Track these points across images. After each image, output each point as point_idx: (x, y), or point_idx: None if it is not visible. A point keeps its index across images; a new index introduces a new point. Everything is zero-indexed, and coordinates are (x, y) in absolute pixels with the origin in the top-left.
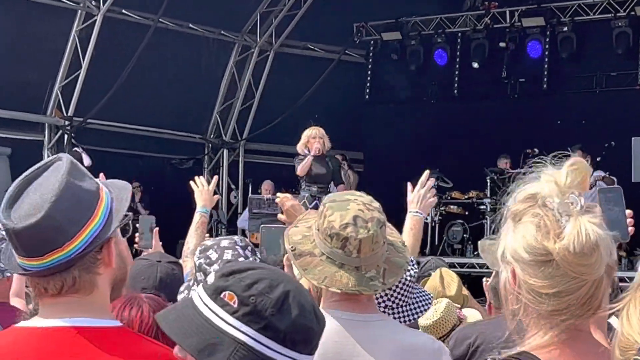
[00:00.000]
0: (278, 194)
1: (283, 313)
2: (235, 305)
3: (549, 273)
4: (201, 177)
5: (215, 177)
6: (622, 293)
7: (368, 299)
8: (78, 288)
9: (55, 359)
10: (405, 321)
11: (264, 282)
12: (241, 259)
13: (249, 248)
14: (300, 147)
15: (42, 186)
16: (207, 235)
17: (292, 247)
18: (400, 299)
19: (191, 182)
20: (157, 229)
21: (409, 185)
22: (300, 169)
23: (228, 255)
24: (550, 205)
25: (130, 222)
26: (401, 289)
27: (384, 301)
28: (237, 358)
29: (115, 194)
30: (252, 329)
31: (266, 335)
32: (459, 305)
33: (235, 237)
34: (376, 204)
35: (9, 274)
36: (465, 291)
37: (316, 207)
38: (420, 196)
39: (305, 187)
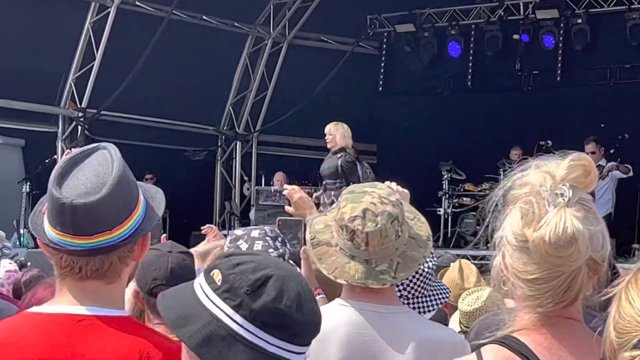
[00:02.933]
0: (285, 186)
1: (258, 294)
2: (219, 283)
3: (527, 259)
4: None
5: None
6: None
7: (390, 290)
8: (107, 274)
9: (53, 346)
10: (420, 312)
11: (250, 264)
12: (271, 250)
13: (279, 239)
14: None
15: (92, 168)
16: (217, 227)
17: (312, 235)
18: (417, 290)
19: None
20: (165, 235)
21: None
22: None
23: (258, 245)
24: (542, 195)
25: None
26: (418, 279)
27: (399, 291)
28: (206, 331)
29: (148, 194)
30: (228, 305)
31: (239, 313)
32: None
33: (266, 228)
34: (393, 198)
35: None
36: (483, 283)
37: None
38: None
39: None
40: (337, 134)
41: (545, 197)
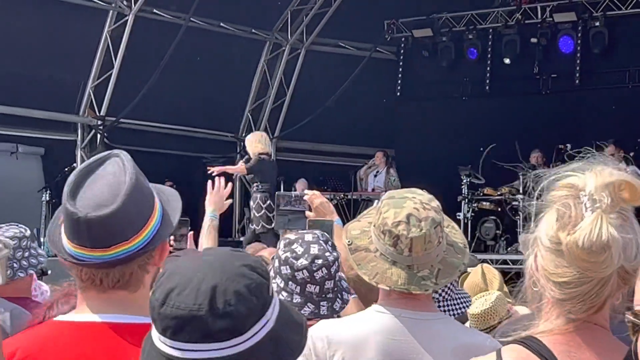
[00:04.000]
0: (306, 191)
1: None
2: None
3: (559, 262)
4: (221, 178)
5: (230, 183)
6: None
7: (427, 296)
8: (130, 284)
9: (89, 355)
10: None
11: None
12: (327, 253)
13: (330, 243)
14: None
15: (104, 178)
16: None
17: (349, 241)
18: (447, 293)
19: (208, 183)
20: (192, 232)
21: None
22: None
23: (315, 249)
24: (581, 199)
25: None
26: (445, 285)
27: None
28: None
29: (163, 198)
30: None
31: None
32: (512, 300)
33: (317, 232)
34: (435, 204)
35: (31, 272)
36: (505, 288)
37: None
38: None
39: None
40: (246, 143)
41: (583, 201)
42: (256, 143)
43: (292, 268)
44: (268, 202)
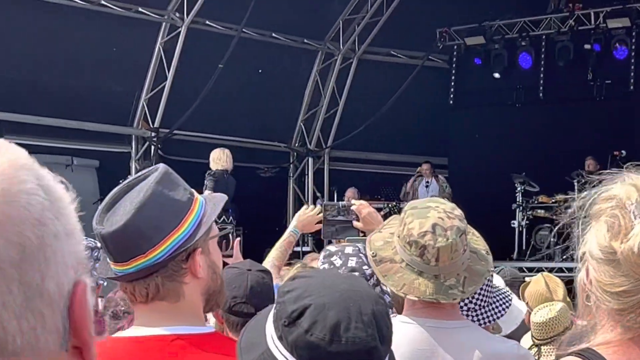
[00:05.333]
0: (353, 201)
1: (294, 325)
2: (274, 311)
3: (615, 272)
4: (317, 205)
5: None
6: None
7: (452, 305)
8: (163, 296)
9: None
10: (488, 322)
11: (295, 292)
12: (365, 267)
13: None
14: None
15: (135, 193)
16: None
17: (373, 252)
18: (482, 300)
19: (304, 206)
20: (239, 239)
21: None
22: None
23: (352, 262)
24: (628, 208)
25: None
26: (483, 289)
27: (466, 304)
28: (260, 359)
29: (209, 207)
30: (276, 335)
31: (282, 344)
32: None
33: (359, 245)
34: (458, 212)
35: (100, 282)
36: (567, 298)
37: None
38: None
39: None
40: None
41: (631, 210)
42: (211, 162)
43: None
44: (222, 217)
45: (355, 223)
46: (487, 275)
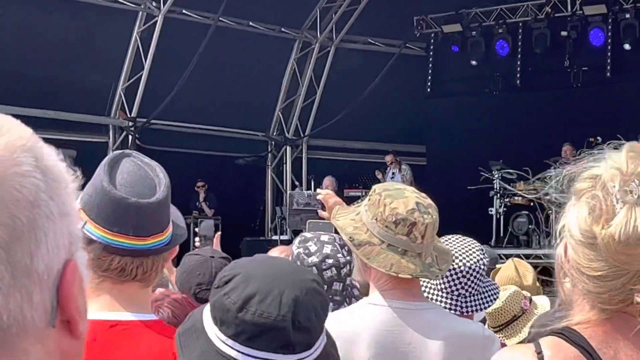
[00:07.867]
0: (318, 190)
1: (220, 288)
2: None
3: (594, 256)
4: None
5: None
6: None
7: (417, 287)
8: (150, 278)
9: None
10: (474, 310)
11: (239, 264)
12: (339, 255)
13: (346, 248)
14: None
15: (132, 173)
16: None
17: (349, 237)
18: (473, 287)
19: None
20: (219, 233)
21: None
22: None
23: (327, 249)
24: (610, 190)
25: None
26: (475, 277)
27: (457, 289)
28: (191, 323)
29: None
30: (209, 300)
31: (209, 307)
32: (528, 294)
33: (335, 235)
34: (424, 194)
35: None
36: (537, 282)
37: None
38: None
39: None
40: None
41: (613, 192)
42: None
43: (302, 264)
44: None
45: (320, 212)
46: (450, 253)
